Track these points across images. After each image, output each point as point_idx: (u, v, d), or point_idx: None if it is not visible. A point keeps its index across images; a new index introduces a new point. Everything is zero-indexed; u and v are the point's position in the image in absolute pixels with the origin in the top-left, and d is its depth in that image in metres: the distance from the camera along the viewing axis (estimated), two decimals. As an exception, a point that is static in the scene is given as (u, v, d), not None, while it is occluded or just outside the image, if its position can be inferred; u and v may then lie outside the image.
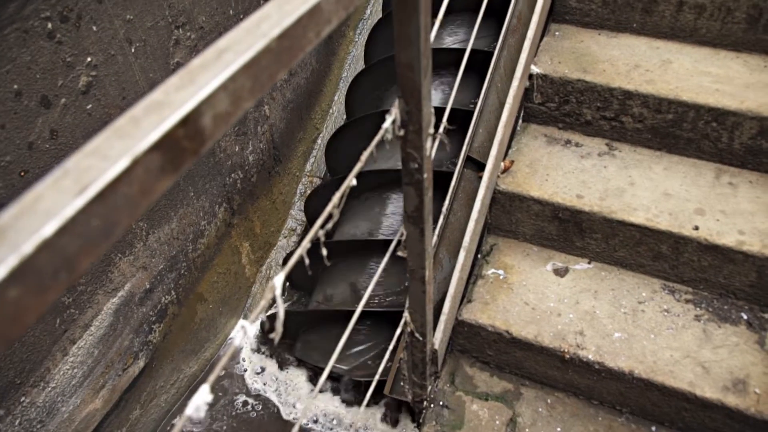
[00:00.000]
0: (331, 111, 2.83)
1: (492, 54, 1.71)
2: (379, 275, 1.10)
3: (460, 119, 1.78)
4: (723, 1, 1.79)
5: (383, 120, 0.86)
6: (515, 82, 1.52)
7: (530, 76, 1.74)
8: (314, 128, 2.73)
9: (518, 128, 1.85)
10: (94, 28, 1.52)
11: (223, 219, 2.17)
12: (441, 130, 1.08)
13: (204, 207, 2.06)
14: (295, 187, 2.68)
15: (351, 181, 0.79)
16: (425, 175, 0.94)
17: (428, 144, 0.92)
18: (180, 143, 0.39)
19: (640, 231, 1.63)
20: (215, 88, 0.41)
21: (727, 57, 1.86)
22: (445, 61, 2.03)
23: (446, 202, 1.61)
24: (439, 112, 1.50)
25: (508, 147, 1.78)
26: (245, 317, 2.44)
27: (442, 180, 1.67)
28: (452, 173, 1.64)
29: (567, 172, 1.72)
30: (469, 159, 1.73)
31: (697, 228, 1.61)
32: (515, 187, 1.68)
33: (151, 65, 1.76)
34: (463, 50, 1.49)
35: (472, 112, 1.69)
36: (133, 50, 1.68)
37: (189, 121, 0.39)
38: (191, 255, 2.05)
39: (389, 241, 1.11)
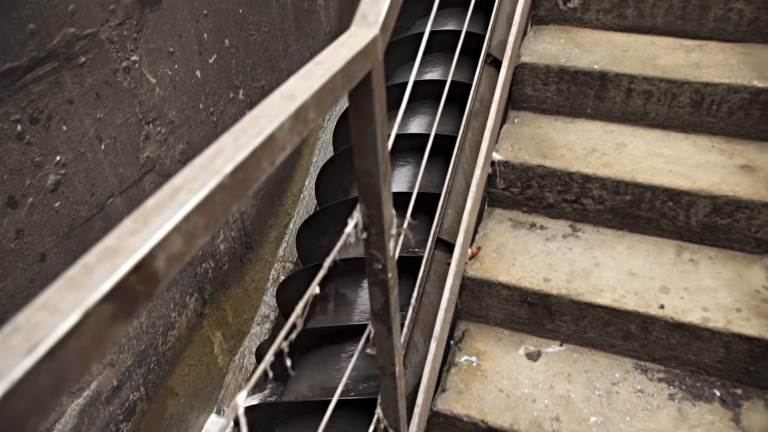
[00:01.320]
0: (302, 196, 2.87)
1: (456, 138, 1.77)
2: (352, 366, 1.09)
3: (428, 202, 1.82)
4: (668, 88, 1.90)
5: (350, 208, 0.88)
6: (478, 171, 1.57)
7: (492, 163, 1.80)
8: (286, 213, 2.76)
9: (484, 213, 1.90)
10: (64, 128, 1.55)
11: (195, 309, 2.15)
12: (405, 225, 1.10)
13: (174, 298, 2.03)
14: (268, 273, 2.67)
15: (322, 275, 0.80)
16: (389, 275, 0.95)
17: (391, 245, 0.94)
18: (133, 289, 0.40)
19: (608, 312, 1.65)
20: (169, 231, 0.43)
21: (677, 138, 1.96)
22: (410, 146, 2.10)
23: (417, 286, 1.62)
24: (406, 195, 1.54)
25: (475, 232, 1.82)
26: (218, 410, 2.36)
27: (414, 263, 1.69)
28: (422, 257, 1.67)
29: (533, 256, 1.76)
30: (439, 240, 1.76)
31: (662, 306, 1.64)
32: (483, 273, 1.71)
33: (120, 160, 1.78)
34: (428, 135, 1.55)
35: (439, 195, 1.74)
36: (102, 147, 1.70)
37: (142, 266, 0.41)
38: (161, 348, 2.01)
39: (364, 326, 1.11)
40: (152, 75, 1.88)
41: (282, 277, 2.66)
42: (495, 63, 2.06)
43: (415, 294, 1.62)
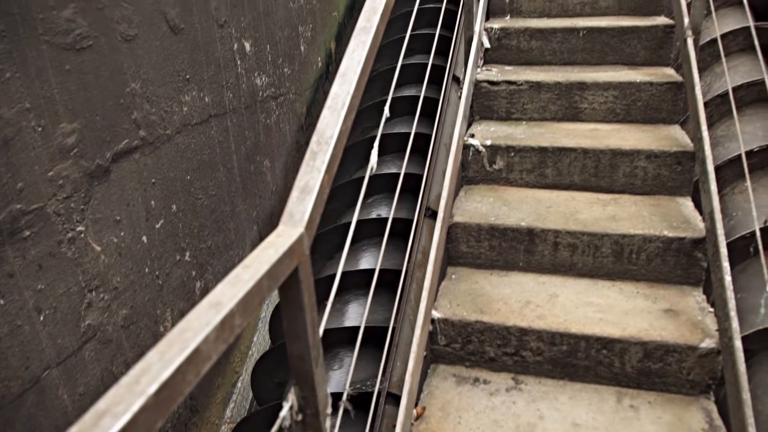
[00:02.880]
0: (250, 352, 2.83)
1: (400, 286, 1.83)
2: None
3: (376, 340, 1.83)
4: (590, 240, 2.05)
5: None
6: (418, 331, 1.63)
7: (433, 321, 1.86)
8: (233, 372, 2.70)
9: (429, 370, 1.93)
10: (2, 301, 1.54)
11: (130, 486, 2.02)
12: (345, 398, 1.12)
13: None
14: (213, 436, 2.55)
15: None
16: (326, 455, 0.96)
17: (327, 424, 0.95)
18: None
19: (555, 467, 1.65)
20: (90, 462, 0.45)
21: (605, 286, 2.08)
22: (359, 281, 2.15)
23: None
24: (354, 329, 1.56)
25: (420, 391, 1.84)
26: None
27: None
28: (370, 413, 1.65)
29: (478, 412, 1.77)
30: (389, 394, 1.75)
31: (607, 458, 1.65)
32: (429, 433, 1.70)
33: (60, 330, 1.76)
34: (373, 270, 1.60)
35: (386, 346, 1.76)
36: (41, 318, 1.69)
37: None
38: None
39: None
40: (97, 243, 1.92)
41: (228, 441, 2.55)
42: (434, 216, 2.20)
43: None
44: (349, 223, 1.57)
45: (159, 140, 2.14)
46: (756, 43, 2.40)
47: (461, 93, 2.21)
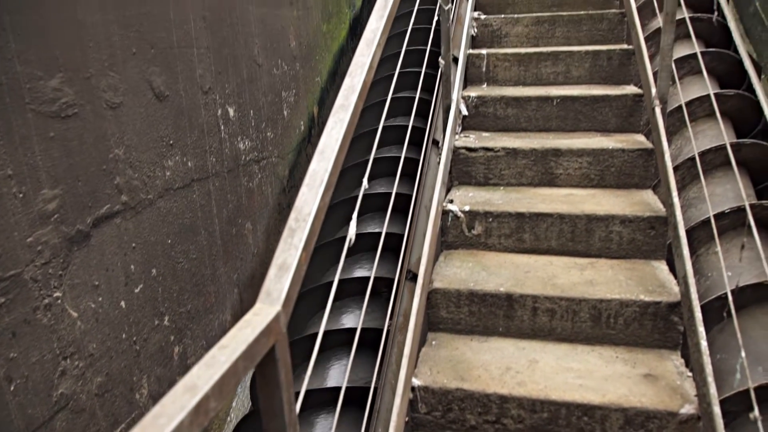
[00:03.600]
0: (229, 418, 2.77)
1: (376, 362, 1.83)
2: None
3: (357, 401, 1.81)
4: (568, 305, 2.08)
5: None
6: (398, 399, 1.61)
7: (413, 389, 1.85)
8: (209, 439, 2.63)
9: (408, 439, 1.90)
10: (-29, 372, 1.51)
11: None
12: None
13: None
14: None
15: None
16: None
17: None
18: None
19: None
20: None
21: (584, 351, 2.09)
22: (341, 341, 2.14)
23: None
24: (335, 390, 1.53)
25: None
26: None
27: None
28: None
29: (458, 482, 1.74)
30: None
31: None
32: (409, 504, 1.66)
33: (31, 400, 1.71)
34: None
35: (367, 412, 1.74)
36: (12, 388, 1.65)
37: None
38: None
39: None
40: (74, 309, 1.90)
41: None
42: (414, 278, 2.21)
43: None
44: (331, 282, 1.58)
45: (141, 205, 2.16)
46: (716, 109, 2.51)
47: (440, 159, 2.27)
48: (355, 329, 2.09)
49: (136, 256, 2.13)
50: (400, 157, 2.29)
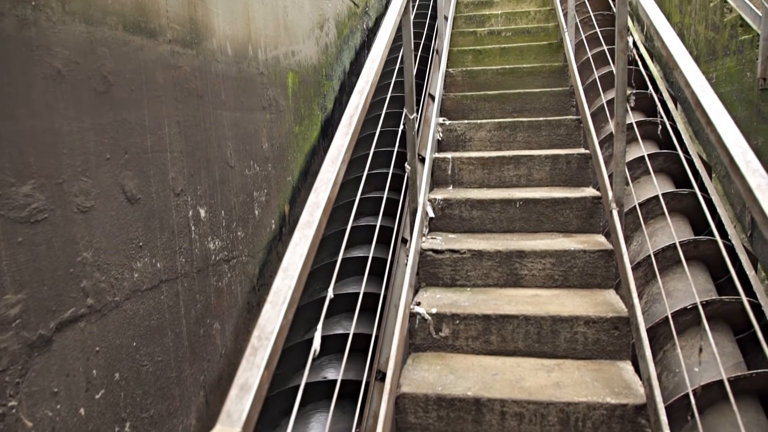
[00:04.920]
0: None
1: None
2: None
3: None
4: (536, 409, 2.07)
5: None
6: None
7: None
8: None
9: None
10: None
11: None
12: None
13: None
14: None
15: None
16: None
17: None
18: None
19: None
20: None
21: (556, 456, 2.07)
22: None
23: None
24: None
25: None
26: None
27: None
28: None
29: None
30: None
31: None
32: None
33: None
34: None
35: None
36: None
37: None
38: None
39: None
40: (29, 419, 1.83)
41: None
42: (384, 378, 2.19)
43: None
44: (298, 386, 1.57)
45: (107, 308, 2.14)
46: (665, 209, 2.64)
47: (407, 261, 2.32)
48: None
49: (99, 361, 2.09)
50: (368, 257, 2.33)
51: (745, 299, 1.78)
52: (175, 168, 2.56)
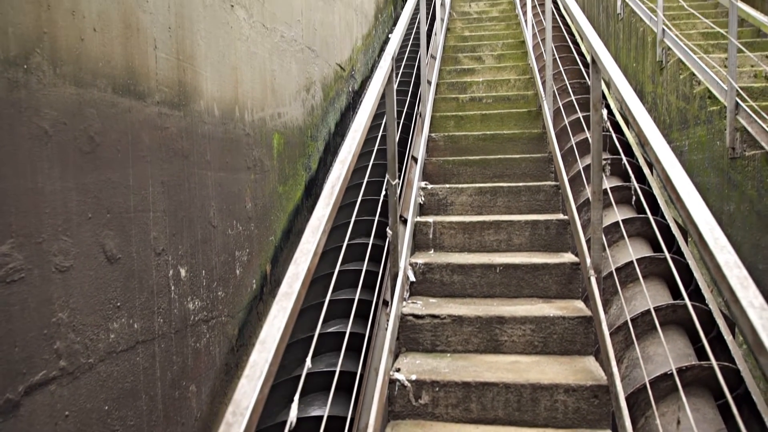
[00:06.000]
0: None
1: None
2: None
3: None
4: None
5: None
6: None
7: None
8: None
9: None
10: None
11: None
12: None
13: None
14: None
15: None
16: None
17: None
18: None
19: None
20: None
21: None
22: None
23: None
24: None
25: None
26: None
27: None
28: None
29: None
30: None
31: None
32: None
33: None
34: None
35: None
36: None
37: None
38: None
39: None
40: (-10, 488, 1.76)
41: None
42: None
43: None
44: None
45: (79, 370, 2.09)
46: (639, 275, 2.68)
47: (388, 326, 2.32)
48: None
49: (68, 426, 2.03)
50: (345, 332, 2.32)
51: (715, 365, 1.79)
52: (158, 227, 2.56)
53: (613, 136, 3.82)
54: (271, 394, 2.39)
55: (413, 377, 2.32)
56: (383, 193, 3.46)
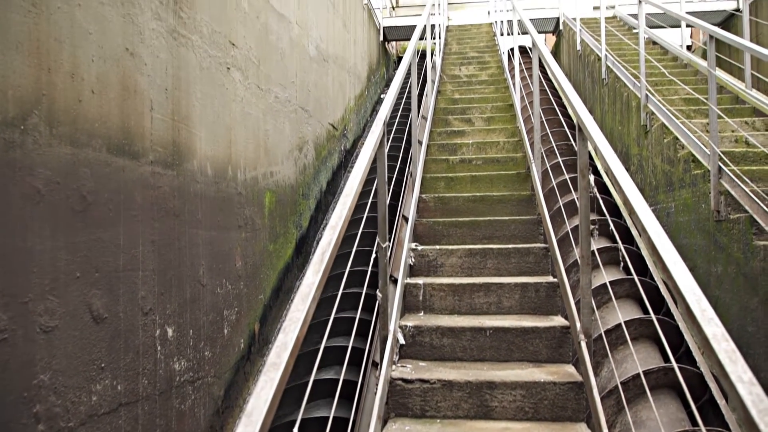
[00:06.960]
0: None
1: None
2: None
3: None
4: None
5: None
6: None
7: None
8: None
9: None
10: None
11: None
12: None
13: None
14: None
15: None
16: None
17: None
18: None
19: None
20: None
21: None
22: None
23: None
24: None
25: None
26: None
27: None
28: None
29: None
30: None
31: None
32: None
33: None
34: None
35: None
36: None
37: None
38: None
39: None
40: None
41: None
42: None
43: None
44: None
45: (57, 435, 2.03)
46: (628, 338, 2.67)
47: (377, 391, 2.28)
48: None
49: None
50: (338, 380, 2.29)
51: (703, 429, 1.77)
52: (146, 286, 2.54)
53: (599, 198, 3.88)
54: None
55: (402, 445, 2.27)
56: (369, 267, 3.48)
